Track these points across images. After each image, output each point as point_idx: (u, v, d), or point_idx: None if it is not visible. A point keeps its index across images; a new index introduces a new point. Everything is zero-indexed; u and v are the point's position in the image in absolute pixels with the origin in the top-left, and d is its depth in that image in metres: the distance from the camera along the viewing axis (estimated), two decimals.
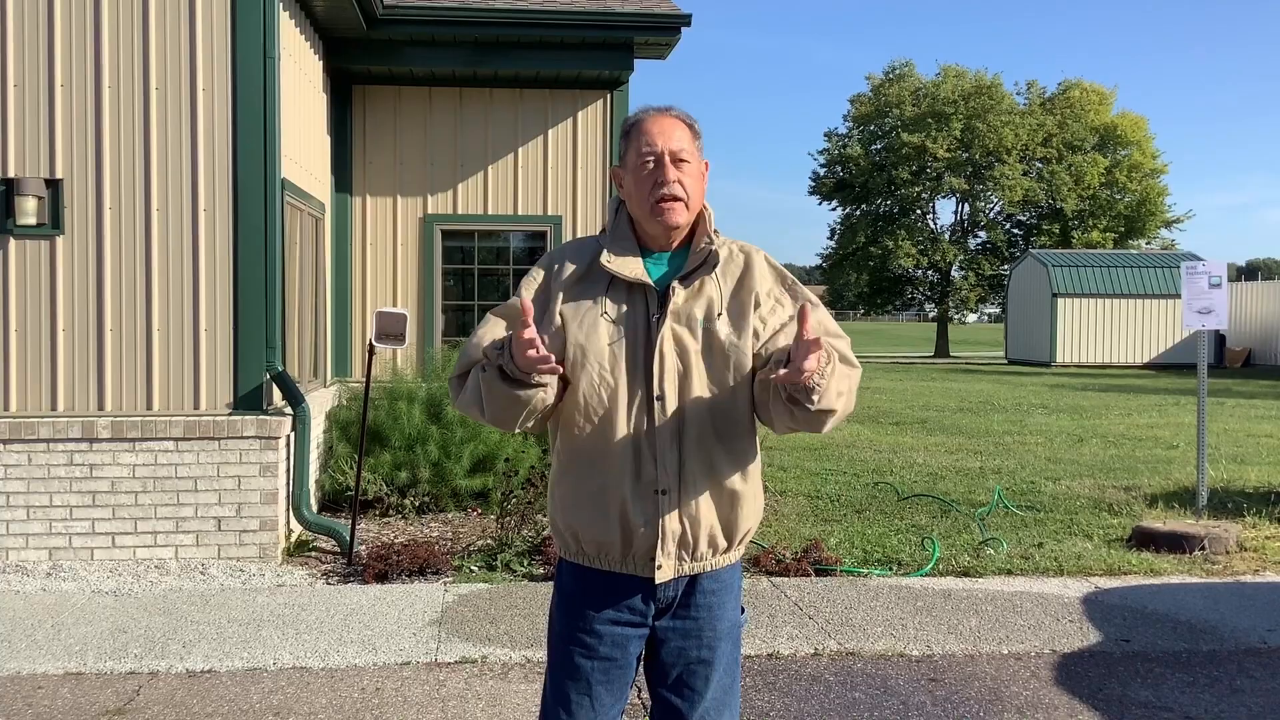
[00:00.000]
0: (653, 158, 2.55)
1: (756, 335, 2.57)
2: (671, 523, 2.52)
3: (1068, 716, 4.62)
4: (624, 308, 2.56)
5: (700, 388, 2.54)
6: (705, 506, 2.55)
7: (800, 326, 2.31)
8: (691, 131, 2.61)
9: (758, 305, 2.59)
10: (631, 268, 2.56)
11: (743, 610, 2.74)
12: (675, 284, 2.56)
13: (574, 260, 2.63)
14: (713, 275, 2.59)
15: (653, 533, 2.51)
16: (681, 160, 2.55)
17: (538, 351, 2.30)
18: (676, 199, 2.55)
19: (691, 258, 2.59)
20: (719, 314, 2.56)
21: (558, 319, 2.56)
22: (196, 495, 6.99)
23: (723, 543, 2.60)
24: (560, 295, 2.58)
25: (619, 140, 2.68)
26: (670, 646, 2.62)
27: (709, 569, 2.61)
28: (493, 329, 2.59)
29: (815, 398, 2.40)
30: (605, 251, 2.59)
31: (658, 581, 2.54)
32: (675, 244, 2.63)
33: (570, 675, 2.60)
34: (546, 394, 2.46)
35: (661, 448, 2.50)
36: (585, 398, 2.54)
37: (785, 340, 2.54)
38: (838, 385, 2.47)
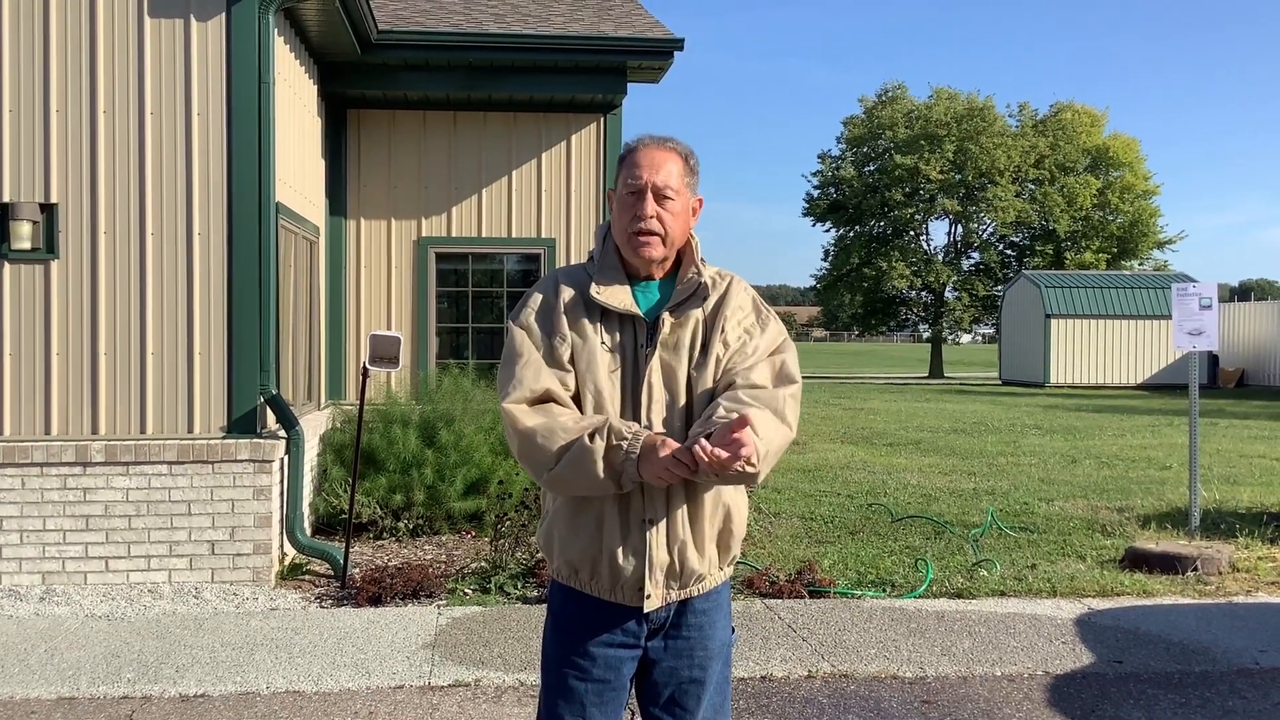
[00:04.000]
0: (635, 189, 2.58)
1: (717, 362, 2.58)
2: (659, 554, 2.54)
3: None
4: (617, 337, 2.59)
5: (687, 416, 2.57)
6: (693, 534, 2.57)
7: (735, 431, 2.33)
8: (685, 166, 2.63)
9: (725, 336, 2.60)
10: (620, 298, 2.59)
11: (732, 630, 2.76)
12: (666, 315, 2.59)
13: (569, 287, 2.65)
14: (700, 306, 2.62)
15: (640, 564, 2.53)
16: (665, 197, 2.58)
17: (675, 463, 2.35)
18: (653, 234, 2.58)
19: (680, 288, 2.63)
20: (701, 343, 2.60)
21: (567, 332, 2.58)
22: (190, 519, 6.99)
23: (712, 567, 2.63)
24: (564, 317, 2.60)
25: (616, 164, 2.70)
26: (662, 666, 2.64)
27: (699, 592, 2.63)
28: (534, 368, 2.55)
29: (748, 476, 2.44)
30: (594, 282, 2.61)
31: (646, 611, 2.57)
32: (661, 274, 2.67)
33: (564, 697, 2.62)
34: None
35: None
36: None
37: (747, 377, 2.56)
38: (768, 463, 2.50)
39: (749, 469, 2.35)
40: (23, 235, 6.82)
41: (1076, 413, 22.24)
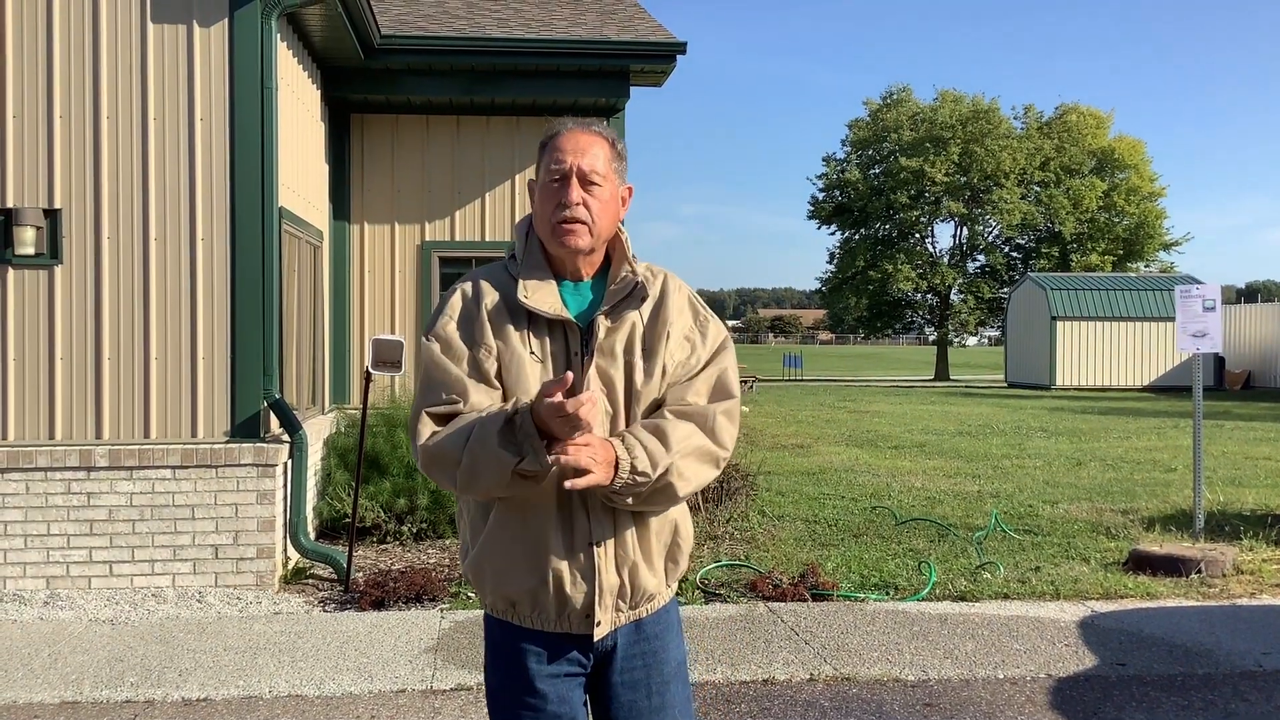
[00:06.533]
0: (560, 174, 2.38)
1: (664, 372, 2.42)
2: (609, 577, 2.37)
3: None
4: (547, 344, 2.39)
5: (627, 426, 2.38)
6: (642, 552, 2.42)
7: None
8: (612, 151, 2.44)
9: (669, 341, 2.44)
10: (550, 303, 2.38)
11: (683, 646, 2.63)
12: (600, 319, 2.39)
13: (491, 289, 2.42)
14: (637, 309, 2.43)
15: (590, 589, 2.36)
16: (592, 183, 2.38)
17: (566, 412, 2.10)
18: (579, 222, 2.37)
19: (615, 288, 2.43)
20: (640, 349, 2.42)
21: (493, 343, 2.37)
22: (194, 523, 7.00)
23: (662, 585, 2.50)
24: (488, 325, 2.38)
25: (537, 152, 2.49)
26: (620, 701, 2.47)
27: (648, 613, 2.49)
28: (454, 385, 2.35)
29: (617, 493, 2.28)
30: (520, 284, 2.39)
31: (595, 639, 2.41)
32: (590, 272, 2.48)
33: None
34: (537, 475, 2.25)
35: (592, 495, 2.32)
36: None
37: (681, 394, 2.41)
38: (686, 481, 2.34)
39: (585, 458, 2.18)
40: (26, 241, 6.84)
41: (1082, 415, 22.21)
